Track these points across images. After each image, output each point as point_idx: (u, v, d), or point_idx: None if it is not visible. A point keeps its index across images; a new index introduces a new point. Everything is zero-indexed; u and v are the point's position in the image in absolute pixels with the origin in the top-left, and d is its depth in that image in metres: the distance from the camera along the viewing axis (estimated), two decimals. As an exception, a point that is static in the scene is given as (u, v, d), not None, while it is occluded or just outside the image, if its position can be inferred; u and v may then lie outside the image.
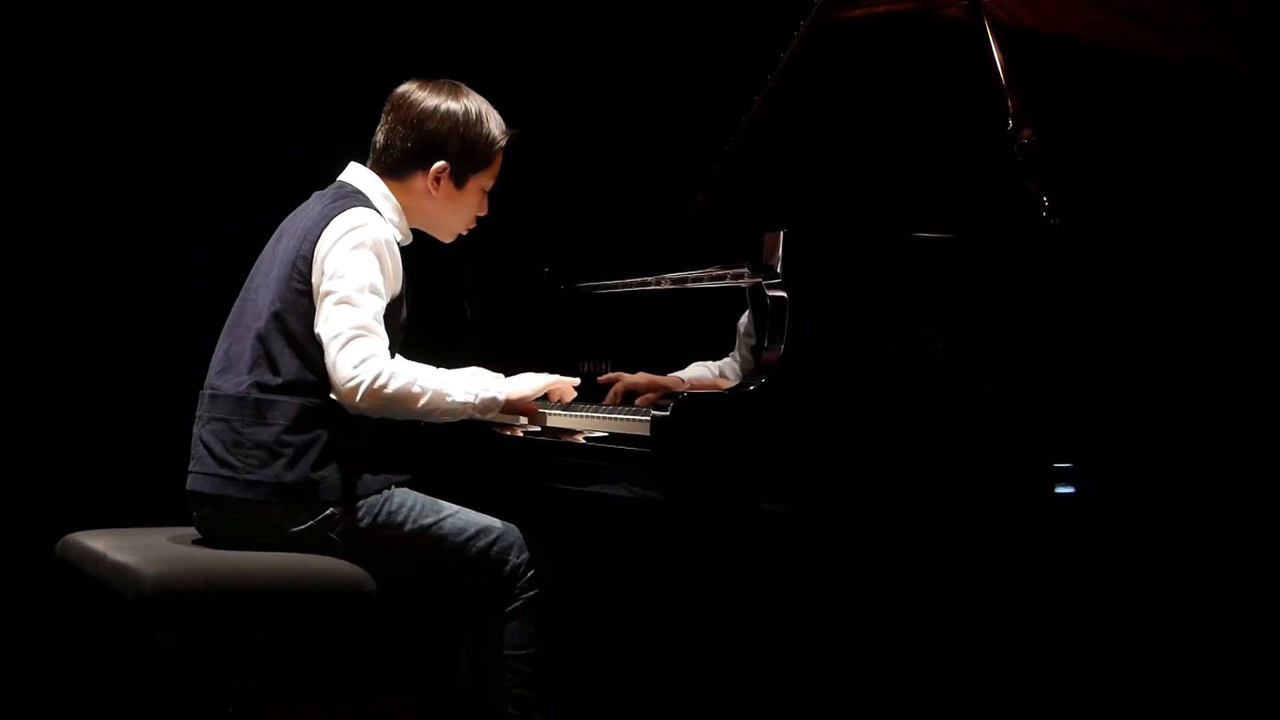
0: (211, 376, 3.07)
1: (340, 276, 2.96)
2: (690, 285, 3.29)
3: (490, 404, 3.06)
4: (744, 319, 3.67)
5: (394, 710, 4.29)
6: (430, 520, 3.03)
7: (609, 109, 4.96)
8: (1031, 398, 3.00)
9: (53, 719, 4.11)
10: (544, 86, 4.99)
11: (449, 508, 3.07)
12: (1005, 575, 3.06)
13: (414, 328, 3.24)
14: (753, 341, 3.67)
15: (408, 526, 3.01)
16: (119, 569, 2.85)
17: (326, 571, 2.92)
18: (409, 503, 3.04)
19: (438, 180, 3.14)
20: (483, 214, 3.26)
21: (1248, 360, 3.30)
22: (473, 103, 3.17)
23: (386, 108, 3.17)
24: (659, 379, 3.45)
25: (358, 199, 3.09)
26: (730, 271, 3.11)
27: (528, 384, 3.13)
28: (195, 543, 3.03)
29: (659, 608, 3.55)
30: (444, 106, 3.13)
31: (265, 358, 2.99)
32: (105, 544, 2.98)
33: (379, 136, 3.16)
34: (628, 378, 3.43)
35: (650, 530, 3.51)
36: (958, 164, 3.41)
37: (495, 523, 3.07)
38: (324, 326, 2.95)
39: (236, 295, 3.16)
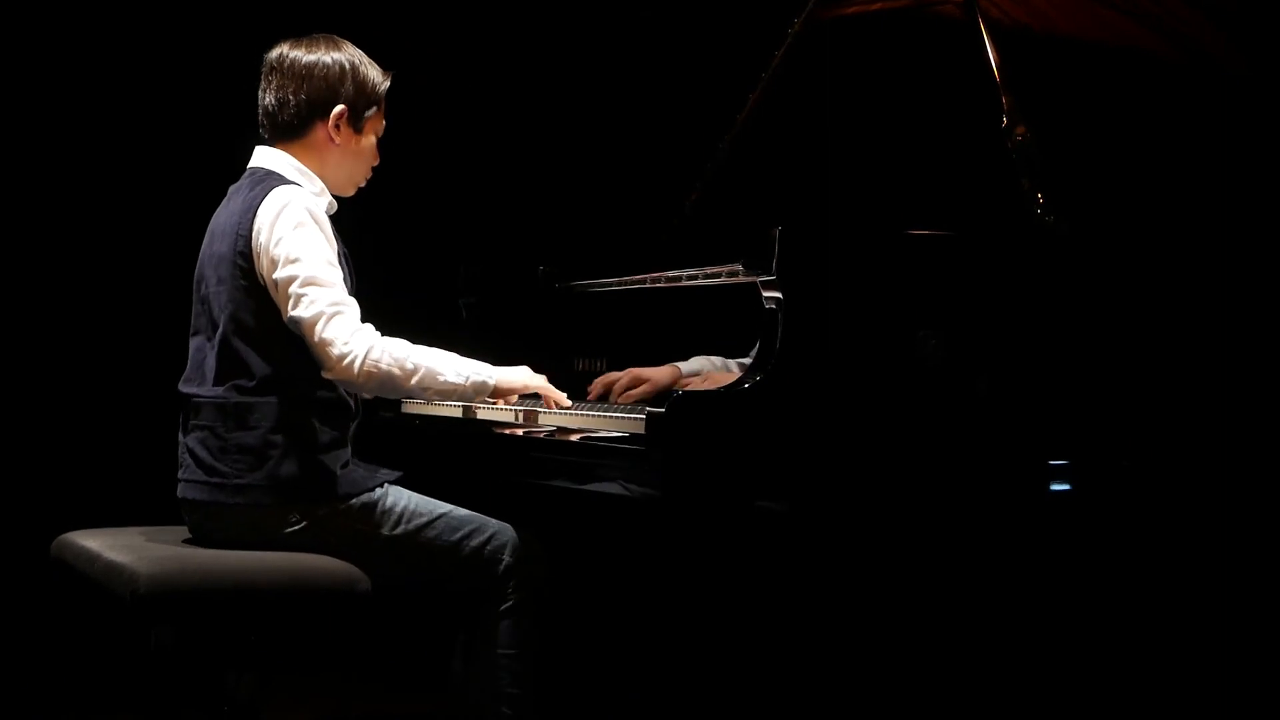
0: (187, 382, 3.05)
1: (295, 260, 2.91)
2: (685, 283, 3.28)
3: (480, 387, 3.03)
4: None
5: (389, 708, 4.29)
6: (423, 519, 3.03)
7: (604, 107, 4.96)
8: (1026, 394, 3.00)
9: (49, 717, 4.11)
10: (540, 85, 5.00)
11: (442, 506, 3.07)
12: (999, 570, 3.07)
13: (408, 328, 3.23)
14: None
15: (401, 525, 3.01)
16: (114, 568, 2.85)
17: (320, 570, 2.92)
18: (402, 501, 3.04)
19: (338, 126, 3.09)
20: (376, 164, 3.20)
21: (1240, 355, 3.31)
22: (351, 50, 3.13)
23: (266, 71, 3.10)
24: (642, 372, 3.42)
25: (273, 179, 3.04)
26: (725, 269, 3.11)
27: (521, 376, 3.11)
28: (189, 542, 3.03)
29: (653, 606, 3.54)
30: (328, 57, 3.08)
31: (233, 362, 2.97)
32: (100, 543, 2.98)
33: (268, 100, 3.09)
34: (618, 383, 3.40)
35: (645, 528, 3.51)
36: (952, 161, 3.41)
37: (489, 521, 3.06)
38: (298, 311, 2.90)
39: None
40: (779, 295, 2.81)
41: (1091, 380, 3.09)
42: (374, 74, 3.14)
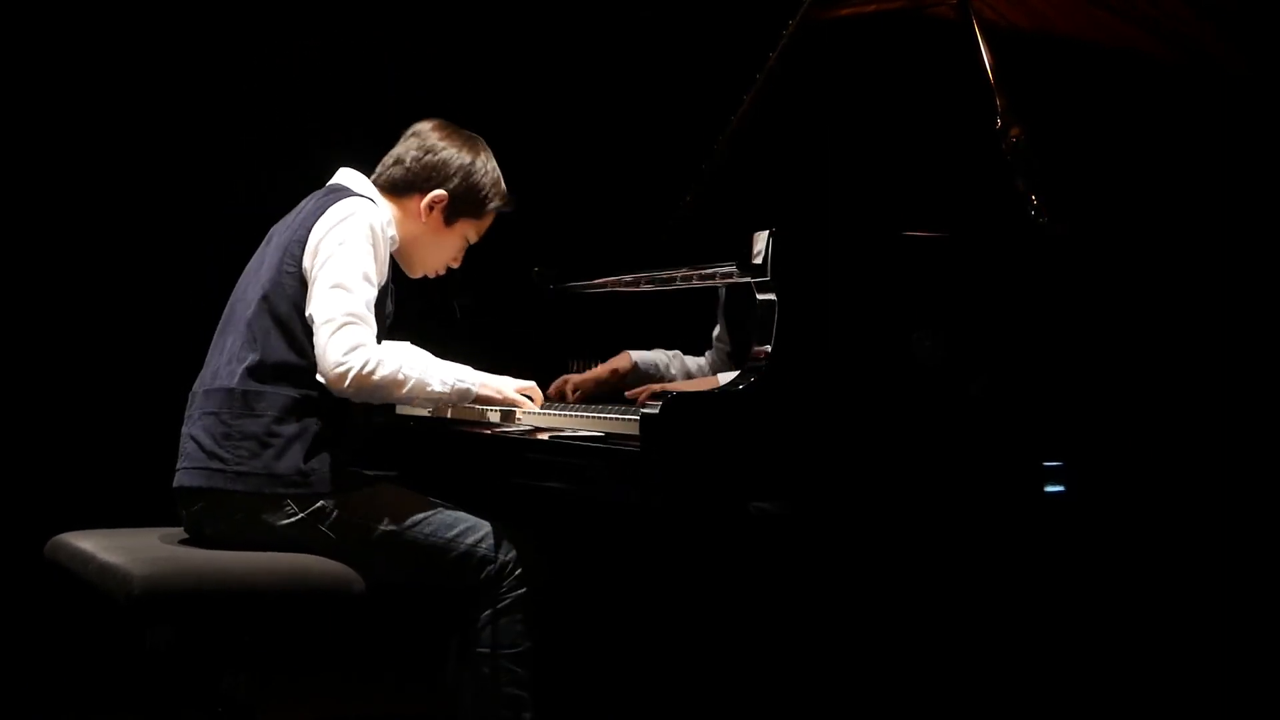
0: (204, 377, 3.09)
1: (334, 260, 2.99)
2: (680, 284, 3.29)
3: (463, 394, 3.10)
4: (717, 328, 3.70)
5: (384, 708, 4.29)
6: (419, 517, 3.03)
7: (600, 108, 4.96)
8: (1021, 395, 3.00)
9: (43, 718, 4.11)
10: (536, 85, 5.00)
11: (437, 505, 3.08)
12: (994, 572, 3.06)
13: (402, 330, 3.24)
14: (727, 348, 3.69)
15: (395, 523, 3.02)
16: (108, 569, 2.85)
17: (315, 571, 2.92)
18: (398, 499, 3.05)
19: (431, 208, 3.21)
20: (456, 265, 3.33)
21: (1238, 357, 3.31)
22: (488, 160, 3.26)
23: (408, 131, 3.25)
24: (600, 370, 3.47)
25: (346, 191, 3.15)
26: (719, 270, 3.11)
27: (502, 384, 3.17)
28: (184, 542, 3.03)
29: (648, 605, 3.54)
30: (461, 151, 3.23)
31: (252, 340, 3.02)
32: (94, 544, 2.98)
33: (393, 153, 3.24)
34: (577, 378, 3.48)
35: (639, 528, 3.51)
36: (946, 162, 3.41)
37: (482, 521, 3.07)
38: (316, 308, 2.97)
39: (228, 297, 3.16)
40: (772, 296, 2.81)
41: (1087, 382, 3.09)
42: (489, 188, 3.25)
